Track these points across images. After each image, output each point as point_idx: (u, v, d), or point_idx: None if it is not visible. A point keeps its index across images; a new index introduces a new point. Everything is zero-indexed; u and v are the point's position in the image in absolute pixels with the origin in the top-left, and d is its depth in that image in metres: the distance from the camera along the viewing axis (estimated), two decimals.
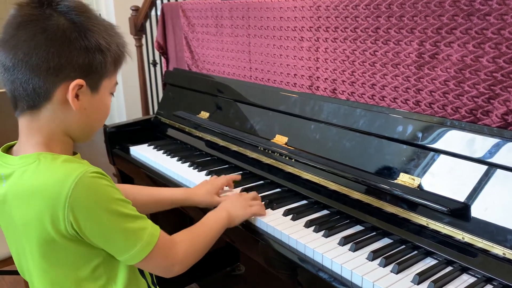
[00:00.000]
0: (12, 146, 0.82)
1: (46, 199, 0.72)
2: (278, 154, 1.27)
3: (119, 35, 0.82)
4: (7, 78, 0.75)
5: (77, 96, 0.76)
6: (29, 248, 0.78)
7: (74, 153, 0.84)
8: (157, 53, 2.54)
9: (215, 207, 1.07)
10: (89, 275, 0.79)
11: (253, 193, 1.14)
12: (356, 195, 1.06)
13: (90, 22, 0.77)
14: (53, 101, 0.76)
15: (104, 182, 0.75)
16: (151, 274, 0.93)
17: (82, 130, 0.82)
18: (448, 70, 1.06)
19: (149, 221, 0.81)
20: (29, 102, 0.76)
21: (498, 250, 0.82)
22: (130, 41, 2.74)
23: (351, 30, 1.26)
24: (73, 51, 0.74)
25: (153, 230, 0.80)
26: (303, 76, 1.44)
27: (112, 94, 0.85)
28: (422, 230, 0.94)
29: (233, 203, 1.07)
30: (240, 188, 1.24)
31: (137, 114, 3.13)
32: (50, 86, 0.74)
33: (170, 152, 1.55)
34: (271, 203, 1.13)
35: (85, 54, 0.75)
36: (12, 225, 0.79)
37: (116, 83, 0.86)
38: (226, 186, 1.21)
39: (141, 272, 0.89)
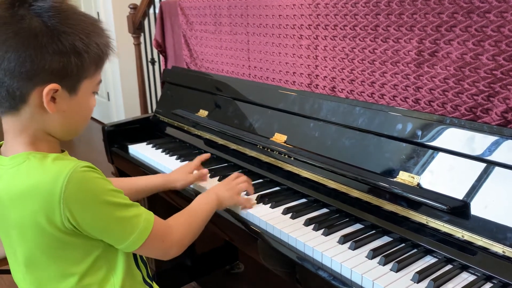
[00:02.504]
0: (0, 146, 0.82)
1: (40, 198, 0.72)
2: (277, 153, 1.27)
3: (101, 34, 0.79)
4: None
5: (54, 99, 0.75)
6: (24, 250, 0.78)
7: (62, 151, 0.84)
8: (155, 51, 2.53)
9: (197, 193, 1.12)
10: (90, 267, 0.80)
11: (235, 174, 1.18)
12: (355, 193, 1.06)
13: (66, 23, 0.73)
14: (30, 104, 0.74)
15: (95, 175, 0.76)
16: (145, 267, 0.93)
17: (66, 131, 0.81)
18: (447, 68, 1.06)
19: (143, 208, 0.83)
20: (8, 103, 0.74)
21: (497, 248, 0.82)
22: (128, 39, 2.76)
23: (350, 28, 1.26)
24: (46, 56, 0.71)
25: (148, 216, 0.82)
26: (302, 74, 1.44)
27: (95, 93, 0.83)
28: (421, 228, 0.94)
29: (219, 187, 1.11)
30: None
31: (135, 112, 3.13)
32: (24, 90, 0.72)
33: (169, 151, 1.54)
34: (270, 201, 1.13)
35: (59, 58, 0.72)
36: (6, 226, 0.79)
37: (100, 82, 0.83)
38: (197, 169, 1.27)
39: (137, 265, 0.90)
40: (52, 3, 0.73)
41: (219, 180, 1.28)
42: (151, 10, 2.60)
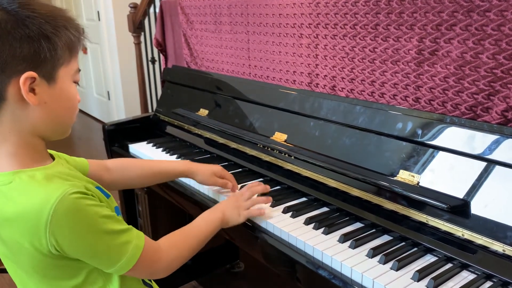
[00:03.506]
0: None
1: (26, 225, 0.70)
2: (277, 152, 1.27)
3: (70, 19, 0.75)
4: None
5: (33, 90, 0.71)
6: (16, 262, 0.78)
7: (51, 155, 0.82)
8: (155, 51, 2.53)
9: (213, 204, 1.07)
10: (84, 281, 0.78)
11: (248, 192, 1.09)
12: (355, 192, 1.06)
13: (28, 8, 0.70)
14: (9, 101, 0.71)
15: (86, 202, 0.72)
16: None
17: (51, 127, 0.77)
18: (447, 66, 1.06)
19: (134, 232, 0.80)
20: None
21: (497, 246, 0.82)
22: (128, 38, 2.75)
23: (350, 27, 1.26)
24: (14, 43, 0.68)
25: (137, 241, 0.79)
26: (303, 73, 1.44)
27: (76, 83, 0.79)
28: (421, 227, 0.94)
29: (228, 205, 1.04)
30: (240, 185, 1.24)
31: (136, 111, 3.12)
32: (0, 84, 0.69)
33: (169, 150, 1.54)
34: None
35: (28, 43, 0.69)
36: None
37: (79, 70, 0.79)
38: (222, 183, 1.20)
39: None
40: None
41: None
42: (152, 9, 2.60)
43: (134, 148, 1.62)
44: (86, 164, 0.99)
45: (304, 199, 1.17)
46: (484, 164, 0.89)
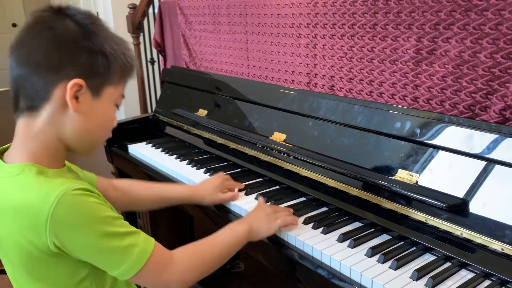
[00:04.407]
0: (7, 149, 0.81)
1: (27, 218, 0.70)
2: (276, 152, 1.27)
3: (128, 48, 0.81)
4: (12, 77, 0.75)
5: (76, 98, 0.75)
6: (8, 260, 0.78)
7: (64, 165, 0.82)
8: (155, 51, 2.53)
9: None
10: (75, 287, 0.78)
11: (286, 208, 1.05)
12: (354, 191, 1.06)
13: (98, 28, 0.77)
14: (52, 102, 0.74)
15: (89, 199, 0.72)
16: None
17: (81, 139, 0.79)
18: (446, 66, 1.06)
19: (142, 236, 0.78)
20: (29, 102, 0.75)
21: (496, 245, 0.83)
22: (127, 39, 2.75)
23: (348, 27, 1.26)
24: (75, 51, 0.73)
25: (145, 246, 0.76)
26: (301, 73, 1.44)
27: (117, 106, 0.83)
28: (420, 226, 0.94)
29: (258, 215, 0.99)
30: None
31: (135, 112, 3.12)
32: (49, 84, 0.73)
33: (169, 150, 1.54)
34: (270, 200, 1.13)
35: (87, 55, 0.74)
36: None
37: (123, 96, 0.83)
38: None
39: None
40: (86, 11, 0.78)
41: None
42: (150, 10, 2.60)
43: (133, 148, 1.62)
44: (94, 178, 1.00)
45: (303, 199, 1.17)
46: (482, 163, 0.89)
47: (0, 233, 0.76)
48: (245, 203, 1.14)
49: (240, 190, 1.21)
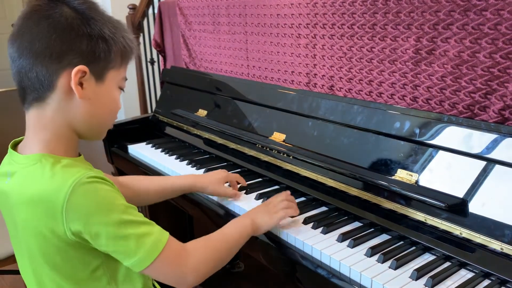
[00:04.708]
0: (20, 142, 0.82)
1: (44, 207, 0.71)
2: (276, 152, 1.27)
3: (126, 30, 0.83)
4: (14, 69, 0.76)
5: (81, 84, 0.76)
6: (27, 249, 0.78)
7: (80, 155, 0.83)
8: (154, 51, 2.53)
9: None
10: (88, 277, 0.78)
11: (284, 193, 1.06)
12: (354, 191, 1.06)
13: (95, 12, 0.77)
14: (57, 91, 0.75)
15: (103, 187, 0.74)
16: None
17: (89, 123, 0.80)
18: (445, 66, 1.06)
19: (157, 228, 0.78)
20: (35, 93, 0.75)
21: (496, 245, 0.83)
22: None
23: (348, 27, 1.26)
24: (75, 38, 0.74)
25: (159, 236, 0.77)
26: (301, 73, 1.44)
27: (121, 89, 0.84)
28: (420, 226, 0.94)
29: (259, 209, 1.01)
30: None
31: (135, 112, 3.13)
32: (53, 73, 0.74)
33: (169, 150, 1.55)
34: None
35: (87, 40, 0.75)
36: (13, 223, 0.79)
37: (126, 79, 0.85)
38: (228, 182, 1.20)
39: None
40: None
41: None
42: (150, 10, 2.60)
43: (133, 149, 1.62)
44: (102, 174, 1.00)
45: (302, 198, 1.17)
46: (482, 163, 0.89)
47: (18, 223, 0.77)
48: (245, 203, 1.14)
49: (240, 190, 1.21)
